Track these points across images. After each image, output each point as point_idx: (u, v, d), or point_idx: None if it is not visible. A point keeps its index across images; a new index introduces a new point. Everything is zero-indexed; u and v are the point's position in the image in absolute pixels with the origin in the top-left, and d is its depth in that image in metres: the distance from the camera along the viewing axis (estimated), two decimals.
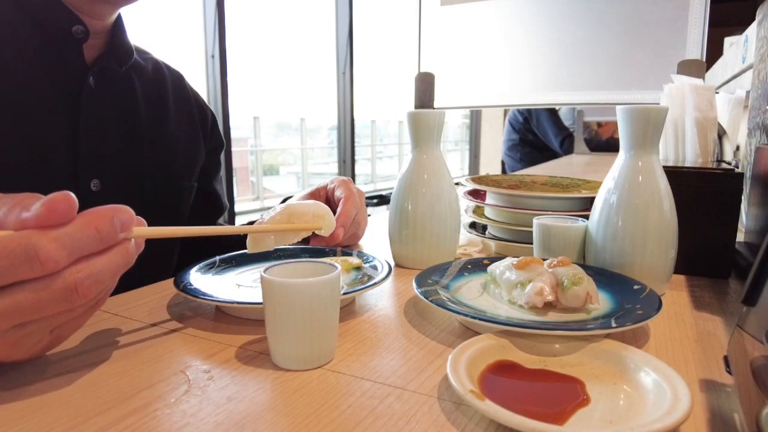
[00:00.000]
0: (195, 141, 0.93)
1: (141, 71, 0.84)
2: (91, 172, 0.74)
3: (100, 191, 0.74)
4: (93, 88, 0.74)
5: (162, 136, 0.85)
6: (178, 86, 0.92)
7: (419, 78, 1.54)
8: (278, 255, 0.73)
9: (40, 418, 0.38)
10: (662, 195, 0.64)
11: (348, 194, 0.84)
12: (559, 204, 0.84)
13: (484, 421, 0.39)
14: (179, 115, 0.89)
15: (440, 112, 0.77)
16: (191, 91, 0.96)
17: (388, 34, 6.35)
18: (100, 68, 0.75)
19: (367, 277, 0.65)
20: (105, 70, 0.76)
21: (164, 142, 0.85)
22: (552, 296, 0.54)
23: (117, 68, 0.78)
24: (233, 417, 0.39)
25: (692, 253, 0.72)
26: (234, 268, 0.70)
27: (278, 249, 0.76)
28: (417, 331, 0.55)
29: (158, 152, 0.83)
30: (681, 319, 0.59)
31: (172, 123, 0.87)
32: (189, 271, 0.65)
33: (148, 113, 0.83)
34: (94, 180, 0.74)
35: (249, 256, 0.72)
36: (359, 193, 0.88)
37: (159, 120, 0.85)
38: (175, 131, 0.88)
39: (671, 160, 0.87)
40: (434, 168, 0.77)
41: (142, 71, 0.84)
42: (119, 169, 0.77)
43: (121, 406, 0.40)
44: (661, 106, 0.63)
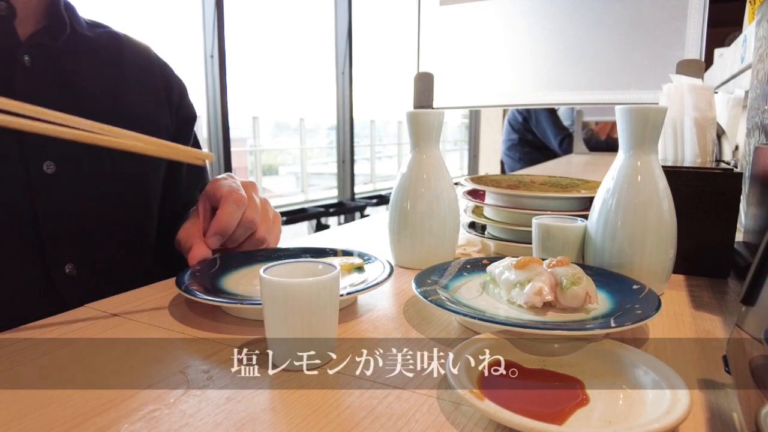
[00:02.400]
0: (159, 113, 0.87)
1: (90, 44, 0.79)
2: (41, 153, 0.70)
3: (57, 173, 0.71)
4: (28, 67, 0.70)
5: (119, 111, 0.79)
6: (140, 58, 0.87)
7: (418, 78, 1.54)
8: (279, 255, 0.73)
9: (38, 418, 0.38)
10: (661, 195, 0.64)
11: (228, 192, 0.71)
12: (559, 204, 0.84)
13: (483, 420, 0.39)
14: (140, 88, 0.84)
15: (439, 112, 0.77)
16: (158, 63, 0.90)
17: (388, 33, 6.35)
18: (35, 45, 0.72)
19: (368, 277, 0.65)
20: (40, 47, 0.72)
21: (122, 116, 0.77)
22: (551, 296, 0.54)
23: (53, 44, 0.74)
24: (232, 417, 0.39)
25: (691, 252, 0.72)
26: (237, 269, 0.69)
27: (279, 249, 0.76)
28: (416, 331, 0.55)
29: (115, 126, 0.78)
30: (680, 319, 0.59)
31: (131, 96, 0.82)
32: (189, 272, 0.65)
33: (99, 88, 0.78)
34: (46, 162, 0.70)
35: (250, 255, 0.72)
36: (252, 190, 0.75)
37: (114, 95, 0.80)
38: (135, 105, 0.82)
39: (670, 159, 0.87)
40: (433, 168, 0.77)
41: (92, 44, 0.79)
42: (74, 149, 0.70)
43: (120, 406, 0.40)
44: (659, 106, 0.63)
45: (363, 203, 4.88)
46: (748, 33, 1.31)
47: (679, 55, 1.28)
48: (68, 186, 0.72)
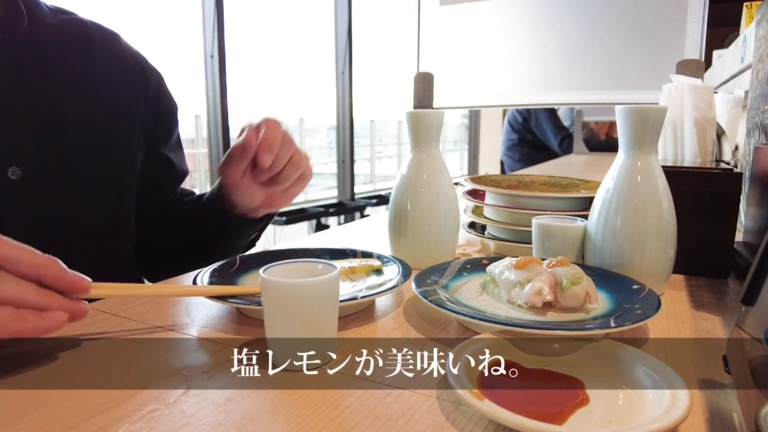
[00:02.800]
0: (133, 103, 0.83)
1: (55, 33, 0.75)
2: (5, 159, 0.67)
3: (22, 179, 0.67)
4: None
5: (90, 102, 0.76)
6: (110, 46, 0.83)
7: (418, 78, 1.54)
8: (300, 255, 0.72)
9: (39, 418, 0.38)
10: (661, 195, 0.64)
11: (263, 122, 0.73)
12: (558, 204, 0.84)
13: (483, 421, 0.39)
14: (112, 78, 0.80)
15: (439, 112, 0.77)
16: (129, 52, 0.85)
17: (387, 33, 6.35)
18: None
19: (387, 280, 0.64)
20: None
21: (93, 107, 0.76)
22: (551, 296, 0.54)
23: (11, 36, 0.70)
24: (232, 417, 0.39)
25: (691, 252, 0.72)
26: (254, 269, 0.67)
27: (299, 249, 0.76)
28: (416, 331, 0.55)
29: (85, 123, 0.75)
30: (680, 319, 0.59)
31: (102, 86, 0.79)
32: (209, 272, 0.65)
33: (68, 79, 0.75)
34: (11, 167, 0.67)
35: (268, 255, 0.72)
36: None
37: (85, 85, 0.76)
38: (107, 95, 0.79)
39: (670, 159, 0.87)
40: (433, 168, 0.77)
41: (57, 33, 0.75)
42: (40, 150, 0.69)
43: (120, 406, 0.40)
44: (659, 106, 0.63)
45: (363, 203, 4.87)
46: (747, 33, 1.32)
47: (679, 55, 1.28)
48: (35, 191, 0.69)
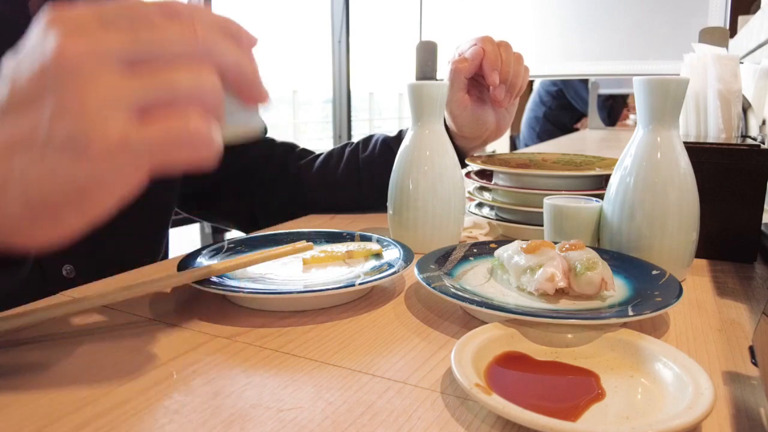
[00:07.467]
0: None
1: None
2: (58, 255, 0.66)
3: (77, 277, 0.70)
4: None
5: None
6: None
7: (421, 47, 1.52)
8: (291, 239, 0.71)
9: (8, 416, 0.38)
10: (683, 173, 0.63)
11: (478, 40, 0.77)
12: (572, 183, 0.83)
13: (491, 417, 0.38)
14: None
15: (443, 84, 0.76)
16: None
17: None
18: None
19: (387, 265, 0.63)
20: None
21: None
22: (564, 282, 0.54)
23: None
24: (220, 414, 0.38)
25: (715, 235, 0.72)
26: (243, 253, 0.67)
27: (291, 233, 0.75)
28: (418, 320, 0.55)
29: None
30: (703, 307, 0.59)
31: None
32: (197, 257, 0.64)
33: None
34: (65, 266, 0.70)
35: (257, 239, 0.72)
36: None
37: None
38: None
39: (692, 135, 0.87)
40: (437, 144, 0.76)
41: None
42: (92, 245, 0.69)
43: (97, 402, 0.40)
44: (681, 78, 0.62)
45: None
46: None
47: (702, 22, 1.27)
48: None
